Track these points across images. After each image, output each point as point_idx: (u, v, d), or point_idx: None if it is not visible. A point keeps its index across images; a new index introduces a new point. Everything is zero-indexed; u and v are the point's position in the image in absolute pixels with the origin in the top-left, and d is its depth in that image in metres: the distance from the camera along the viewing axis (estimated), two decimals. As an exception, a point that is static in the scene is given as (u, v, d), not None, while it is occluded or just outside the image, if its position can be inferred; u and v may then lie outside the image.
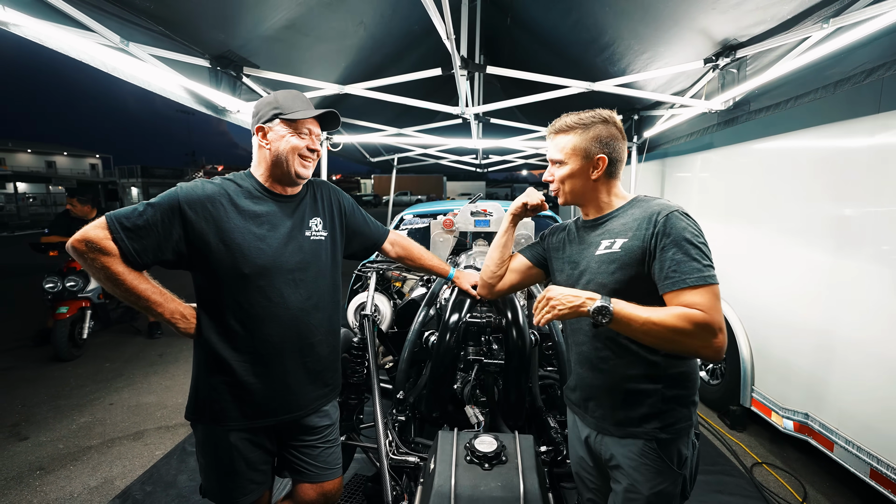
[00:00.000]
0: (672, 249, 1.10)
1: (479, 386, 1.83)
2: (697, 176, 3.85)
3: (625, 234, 1.19)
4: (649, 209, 1.18)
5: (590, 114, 1.27)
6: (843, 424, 2.34)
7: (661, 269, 1.11)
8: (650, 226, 1.14)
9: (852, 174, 2.33)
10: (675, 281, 1.08)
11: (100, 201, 4.75)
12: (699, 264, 1.08)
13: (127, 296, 1.26)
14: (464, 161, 8.18)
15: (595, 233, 1.28)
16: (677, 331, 1.04)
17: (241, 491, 1.43)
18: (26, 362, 4.27)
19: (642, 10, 2.47)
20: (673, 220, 1.12)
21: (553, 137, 1.32)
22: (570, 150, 1.27)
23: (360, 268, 2.60)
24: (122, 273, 1.23)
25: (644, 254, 1.14)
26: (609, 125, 1.26)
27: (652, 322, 1.05)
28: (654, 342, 1.09)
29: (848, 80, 2.21)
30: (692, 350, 1.07)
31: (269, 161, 1.40)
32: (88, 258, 1.21)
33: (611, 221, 1.26)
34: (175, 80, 2.54)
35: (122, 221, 1.23)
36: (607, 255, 1.21)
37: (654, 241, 1.13)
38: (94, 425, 3.17)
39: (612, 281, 1.18)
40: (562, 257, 1.40)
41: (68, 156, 46.30)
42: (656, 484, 1.20)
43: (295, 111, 1.38)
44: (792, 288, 2.71)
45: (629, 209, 1.25)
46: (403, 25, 3.14)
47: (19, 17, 1.71)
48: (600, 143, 1.24)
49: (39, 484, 2.54)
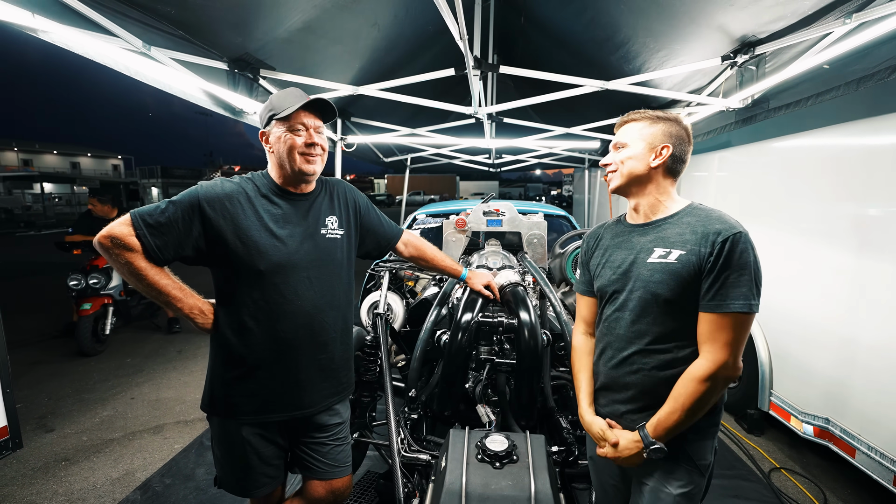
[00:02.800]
0: (726, 272, 1.10)
1: (490, 385, 1.83)
2: (714, 175, 3.78)
3: (682, 245, 1.16)
4: (710, 225, 1.15)
5: (662, 111, 1.27)
6: (866, 430, 2.28)
7: (710, 289, 1.12)
8: (707, 243, 1.12)
9: (876, 173, 2.26)
10: (717, 304, 1.11)
11: (120, 201, 4.89)
12: (746, 290, 1.09)
13: (148, 290, 1.30)
14: (477, 161, 8.18)
15: (647, 238, 1.24)
16: (702, 401, 1.12)
17: (254, 483, 1.47)
18: (52, 357, 4.42)
19: (658, 8, 2.44)
20: (732, 244, 1.10)
21: (622, 126, 1.31)
22: (636, 135, 1.25)
23: (374, 267, 2.63)
24: (144, 268, 1.27)
25: (700, 270, 1.13)
26: (679, 125, 1.25)
27: (681, 422, 1.14)
28: (702, 414, 1.16)
29: (872, 77, 2.15)
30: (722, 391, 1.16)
31: (275, 163, 1.43)
32: (114, 253, 1.25)
33: (664, 228, 1.22)
34: (194, 82, 2.60)
35: (146, 219, 1.27)
36: (661, 265, 1.18)
37: (712, 260, 1.11)
38: (116, 419, 3.27)
39: (666, 291, 1.16)
40: (601, 262, 1.36)
41: (92, 157, 47.64)
42: (684, 484, 1.20)
43: (284, 108, 1.37)
44: (812, 290, 2.65)
45: (685, 217, 1.21)
46: (417, 26, 3.16)
47: (48, 24, 1.78)
48: (668, 135, 1.23)
49: (65, 475, 2.63)
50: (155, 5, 2.07)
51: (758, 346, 3.02)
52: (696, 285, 1.14)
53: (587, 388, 1.39)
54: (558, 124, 5.07)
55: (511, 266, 2.38)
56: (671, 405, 1.14)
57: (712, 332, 1.11)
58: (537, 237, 2.91)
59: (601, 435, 1.28)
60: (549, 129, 5.12)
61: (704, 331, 1.13)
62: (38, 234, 17.89)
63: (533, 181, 44.69)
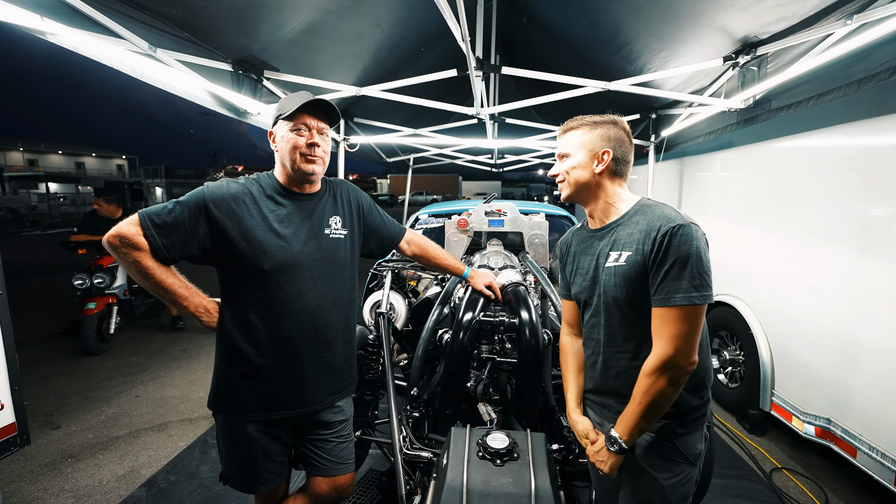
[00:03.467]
0: (665, 266, 1.12)
1: (492, 384, 1.84)
2: (716, 175, 3.78)
3: (630, 246, 1.19)
4: (651, 221, 1.17)
5: (599, 116, 1.31)
6: (868, 430, 2.28)
7: (654, 284, 1.15)
8: (649, 241, 1.15)
9: (878, 174, 2.26)
10: (661, 299, 1.13)
11: (125, 201, 4.93)
12: (687, 283, 1.10)
13: (155, 289, 1.32)
14: (479, 161, 8.18)
15: (603, 242, 1.29)
16: (657, 397, 1.13)
17: (259, 479, 1.49)
18: (58, 355, 4.46)
19: (659, 9, 2.44)
20: (673, 238, 1.12)
21: (562, 136, 1.35)
22: (576, 144, 1.29)
23: (376, 266, 2.64)
24: (151, 267, 1.29)
25: (646, 268, 1.16)
26: (617, 127, 1.28)
27: (642, 417, 1.16)
28: (663, 409, 1.17)
29: (873, 78, 2.15)
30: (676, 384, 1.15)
31: (280, 162, 1.47)
32: (121, 252, 1.27)
33: (617, 230, 1.26)
34: (199, 83, 2.62)
35: (153, 218, 1.29)
36: (614, 269, 1.22)
37: (653, 257, 1.14)
38: (122, 416, 3.30)
39: (622, 294, 1.20)
40: (574, 270, 1.40)
41: (97, 157, 47.94)
42: (673, 476, 1.23)
43: (289, 108, 1.41)
44: (814, 290, 2.65)
45: (634, 216, 1.24)
46: (419, 27, 3.17)
47: (56, 27, 1.80)
48: (607, 140, 1.26)
49: (71, 471, 2.66)
50: (160, 8, 2.09)
51: (759, 346, 3.02)
52: (646, 283, 1.17)
53: (574, 387, 1.43)
54: (560, 124, 5.07)
55: (513, 266, 2.39)
56: (631, 402, 1.18)
57: (658, 327, 1.14)
58: (539, 237, 2.92)
59: (585, 434, 1.34)
60: (552, 130, 5.12)
61: (654, 325, 1.16)
62: (43, 233, 18.01)
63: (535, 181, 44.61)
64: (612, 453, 1.22)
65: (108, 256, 4.51)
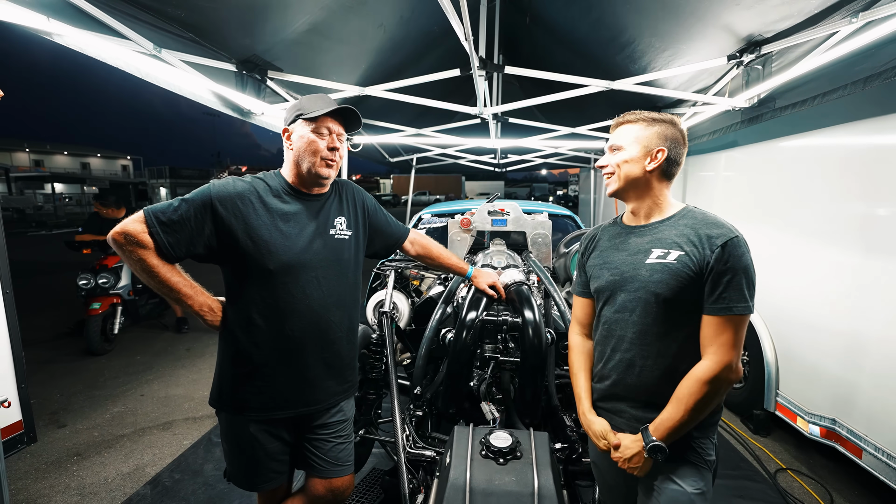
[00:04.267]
0: (727, 275, 1.12)
1: (495, 383, 1.84)
2: (721, 175, 3.76)
3: (679, 246, 1.18)
4: (707, 228, 1.17)
5: (658, 113, 1.28)
6: (873, 431, 2.27)
7: (712, 293, 1.14)
8: (706, 246, 1.15)
9: (884, 173, 2.25)
10: (721, 308, 1.13)
11: (129, 200, 4.97)
12: (746, 293, 1.12)
13: (160, 287, 1.33)
14: (482, 161, 8.19)
15: (644, 239, 1.26)
16: (706, 402, 1.14)
17: (262, 478, 1.49)
18: (64, 354, 4.49)
19: (663, 7, 2.44)
20: (730, 248, 1.13)
21: (617, 128, 1.32)
22: (632, 138, 1.27)
23: (379, 266, 2.65)
24: (156, 265, 1.30)
25: (699, 272, 1.15)
26: (675, 127, 1.26)
27: (685, 422, 1.15)
28: (705, 416, 1.17)
29: (878, 76, 2.14)
30: (725, 392, 1.18)
31: (293, 161, 1.46)
32: (126, 250, 1.28)
33: (661, 230, 1.24)
34: (203, 84, 2.64)
35: (159, 216, 1.30)
36: (661, 265, 1.19)
37: (713, 265, 1.13)
38: (127, 415, 3.32)
39: (666, 290, 1.18)
40: (598, 264, 1.37)
41: (102, 157, 48.22)
42: (697, 481, 1.20)
43: (313, 111, 1.41)
44: (819, 289, 2.63)
45: (681, 220, 1.23)
46: (422, 27, 3.18)
47: (62, 28, 1.82)
48: (663, 138, 1.24)
49: (76, 469, 2.68)
50: (165, 8, 2.11)
51: (764, 347, 3.01)
52: (694, 286, 1.16)
53: (586, 387, 1.40)
54: (564, 124, 5.07)
55: (516, 265, 2.39)
56: (675, 406, 1.15)
57: (716, 335, 1.13)
58: (542, 236, 2.92)
59: (602, 435, 1.30)
60: (555, 129, 5.11)
61: (708, 333, 1.15)
62: (49, 233, 18.11)
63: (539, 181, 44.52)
64: (649, 458, 1.19)
65: (113, 256, 4.54)
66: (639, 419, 1.25)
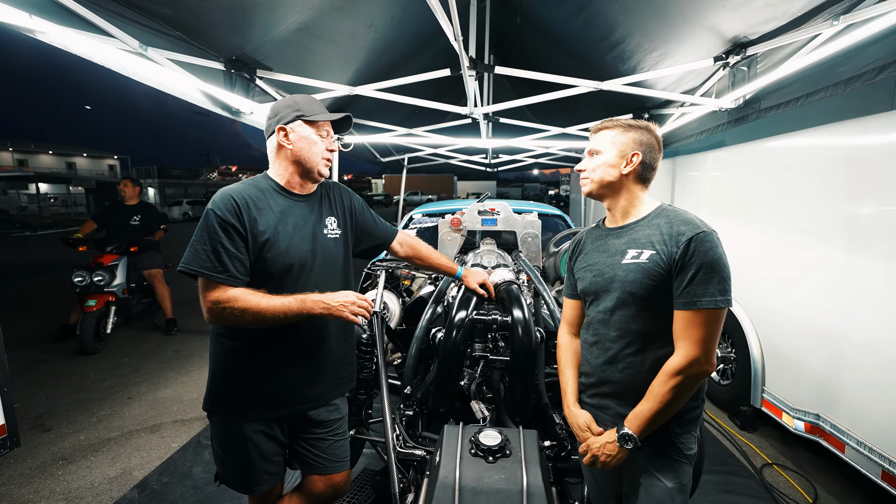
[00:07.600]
0: (692, 270, 1.15)
1: (485, 382, 1.85)
2: (708, 175, 3.81)
3: (651, 245, 1.22)
4: (675, 225, 1.21)
5: (634, 120, 1.34)
6: (855, 425, 2.31)
7: (678, 287, 1.18)
8: (674, 243, 1.18)
9: (866, 172, 2.29)
10: (686, 303, 1.16)
11: (140, 182, 5.02)
12: (713, 288, 1.14)
13: (275, 318, 1.32)
14: (474, 161, 8.19)
15: (621, 241, 1.31)
16: (676, 396, 1.17)
17: (255, 480, 1.49)
18: (49, 357, 4.41)
19: (652, 8, 2.47)
20: (696, 244, 1.16)
21: (595, 134, 1.37)
22: (608, 142, 1.32)
23: (370, 266, 2.65)
24: (252, 303, 1.30)
25: (670, 269, 1.19)
26: (650, 133, 1.31)
27: (657, 414, 1.18)
28: (677, 409, 1.20)
29: (859, 77, 2.19)
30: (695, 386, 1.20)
31: (290, 160, 1.45)
32: (228, 313, 1.29)
33: (637, 230, 1.28)
34: (191, 82, 2.61)
35: (206, 266, 1.29)
36: (634, 265, 1.24)
37: (679, 260, 1.17)
38: (114, 418, 3.27)
39: (641, 289, 1.22)
40: (583, 266, 1.42)
41: (88, 157, 47.40)
42: (676, 476, 1.25)
43: (315, 114, 1.46)
44: (804, 288, 2.68)
45: (654, 219, 1.27)
46: (413, 27, 3.17)
47: (45, 25, 1.79)
48: (639, 143, 1.29)
49: (62, 473, 2.64)
50: (152, 6, 2.08)
51: (750, 344, 3.06)
52: (666, 284, 1.20)
53: (572, 382, 1.45)
54: (554, 124, 5.10)
55: (506, 264, 2.40)
56: (648, 399, 1.20)
57: (684, 329, 1.17)
58: (532, 236, 2.93)
59: (585, 427, 1.34)
60: (545, 129, 5.14)
61: (678, 328, 1.19)
62: (33, 234, 17.79)
63: (530, 181, 44.71)
64: (621, 448, 1.23)
65: (109, 255, 4.55)
66: (623, 416, 1.27)
